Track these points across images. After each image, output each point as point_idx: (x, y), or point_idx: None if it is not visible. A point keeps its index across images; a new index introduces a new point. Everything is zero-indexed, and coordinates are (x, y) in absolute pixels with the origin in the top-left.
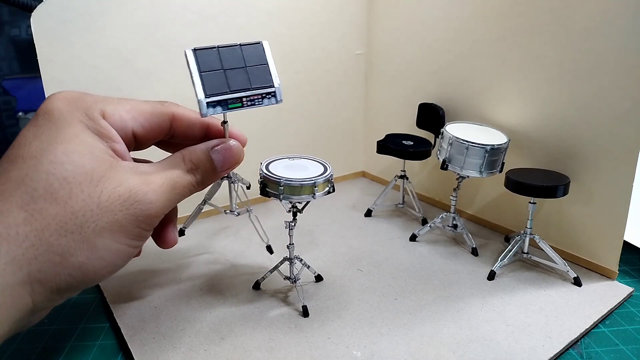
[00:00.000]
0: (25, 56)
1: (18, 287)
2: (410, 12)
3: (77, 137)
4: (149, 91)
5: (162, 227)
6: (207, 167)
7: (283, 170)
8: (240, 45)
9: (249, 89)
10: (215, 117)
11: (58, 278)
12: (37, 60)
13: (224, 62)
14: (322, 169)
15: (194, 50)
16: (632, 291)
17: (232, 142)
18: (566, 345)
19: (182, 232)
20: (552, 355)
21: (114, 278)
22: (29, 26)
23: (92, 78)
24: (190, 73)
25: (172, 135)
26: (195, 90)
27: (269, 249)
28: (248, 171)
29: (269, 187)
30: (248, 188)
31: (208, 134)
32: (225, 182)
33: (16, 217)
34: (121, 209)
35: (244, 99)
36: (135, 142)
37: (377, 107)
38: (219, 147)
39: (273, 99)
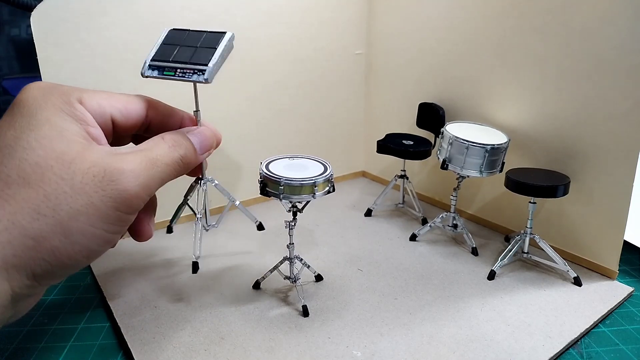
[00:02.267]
0: (25, 56)
1: None
2: (410, 12)
3: (48, 122)
4: (149, 91)
5: (138, 217)
6: (188, 146)
7: (283, 169)
8: (207, 32)
9: (186, 63)
10: (218, 114)
11: (33, 262)
12: (36, 59)
13: (184, 40)
14: (322, 169)
15: (171, 29)
16: (632, 291)
17: (204, 127)
18: (566, 345)
19: (170, 230)
20: (552, 355)
21: (114, 278)
22: (29, 26)
23: (91, 78)
24: (155, 43)
25: (148, 126)
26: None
27: (260, 227)
28: (248, 171)
29: (269, 186)
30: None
31: (183, 127)
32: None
33: None
34: (96, 190)
35: (178, 70)
36: (114, 130)
37: (377, 107)
38: (193, 131)
39: (201, 76)
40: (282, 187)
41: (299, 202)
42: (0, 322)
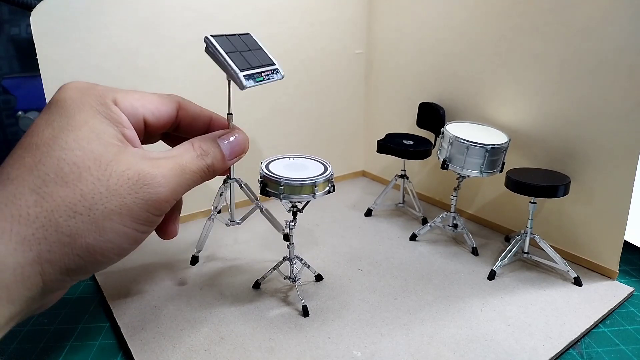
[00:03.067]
0: (25, 55)
1: (28, 266)
2: (410, 11)
3: (86, 124)
4: (149, 89)
5: (165, 217)
6: (216, 154)
7: (283, 169)
8: (238, 35)
9: (262, 66)
10: (218, 113)
11: (67, 258)
12: (36, 59)
13: (235, 46)
14: (322, 169)
15: (213, 36)
16: (633, 291)
17: (237, 131)
18: (566, 345)
19: (195, 260)
20: (552, 355)
21: (114, 278)
22: (29, 25)
23: (91, 77)
24: (219, 54)
25: (177, 126)
26: (229, 66)
27: (286, 237)
28: (248, 170)
29: (269, 186)
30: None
31: (211, 127)
32: (223, 192)
33: (27, 199)
34: (130, 192)
35: (263, 74)
36: (145, 130)
37: (377, 107)
38: (225, 136)
39: (279, 74)
40: (282, 187)
41: (299, 202)
42: (28, 313)
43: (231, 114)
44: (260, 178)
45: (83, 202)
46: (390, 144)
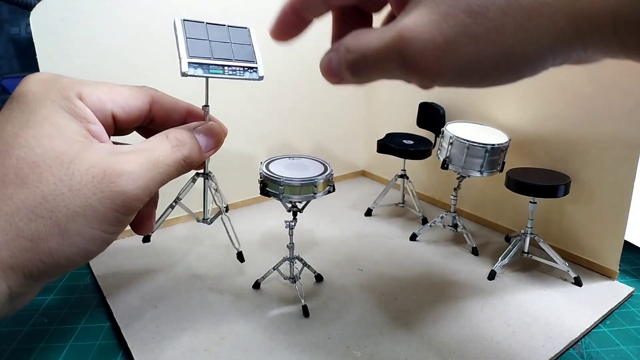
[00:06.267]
0: (25, 54)
1: None
2: None
3: (47, 120)
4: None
5: (139, 212)
6: (193, 145)
7: (283, 169)
8: (227, 25)
9: (231, 60)
10: (218, 114)
11: (30, 264)
12: (36, 58)
13: (210, 34)
14: (322, 169)
15: (183, 20)
16: (633, 291)
17: (212, 122)
18: (567, 345)
19: (147, 239)
20: (552, 355)
21: (114, 278)
22: (29, 25)
23: (91, 76)
24: (176, 37)
25: (151, 119)
26: (178, 51)
27: (240, 257)
28: (248, 170)
29: (269, 186)
30: (226, 211)
31: (188, 120)
32: (198, 186)
33: None
34: (95, 192)
35: (226, 68)
36: (115, 125)
37: (377, 107)
38: (200, 127)
39: (255, 73)
40: (282, 187)
41: (299, 202)
42: None
43: (207, 105)
44: (260, 178)
45: (44, 204)
46: (391, 144)
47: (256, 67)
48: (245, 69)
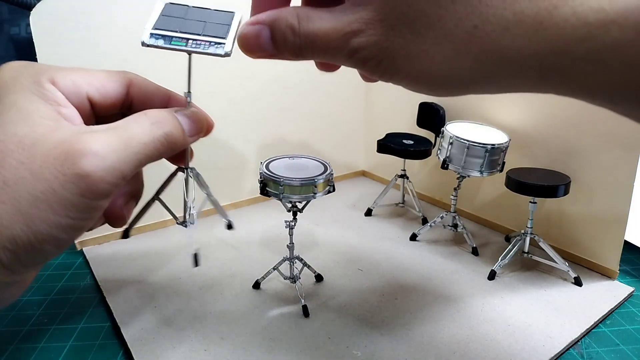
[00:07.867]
0: (25, 55)
1: None
2: None
3: (15, 105)
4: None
5: (113, 199)
6: (175, 124)
7: (283, 169)
8: (213, 9)
9: (198, 34)
10: (217, 114)
11: None
12: (36, 58)
13: (188, 14)
14: (322, 169)
15: (168, 3)
16: (633, 291)
17: (194, 109)
18: (567, 345)
19: (125, 234)
20: (552, 355)
21: (114, 278)
22: (29, 25)
23: None
24: (151, 14)
25: (130, 104)
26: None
27: (229, 226)
28: (248, 171)
29: (269, 186)
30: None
31: (170, 106)
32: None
33: None
34: (57, 175)
35: (190, 41)
36: (94, 110)
37: (377, 107)
38: (184, 111)
39: (220, 48)
40: (282, 187)
41: (299, 202)
42: None
43: (190, 92)
44: (260, 178)
45: (6, 189)
46: (391, 144)
47: (223, 43)
48: (212, 43)
